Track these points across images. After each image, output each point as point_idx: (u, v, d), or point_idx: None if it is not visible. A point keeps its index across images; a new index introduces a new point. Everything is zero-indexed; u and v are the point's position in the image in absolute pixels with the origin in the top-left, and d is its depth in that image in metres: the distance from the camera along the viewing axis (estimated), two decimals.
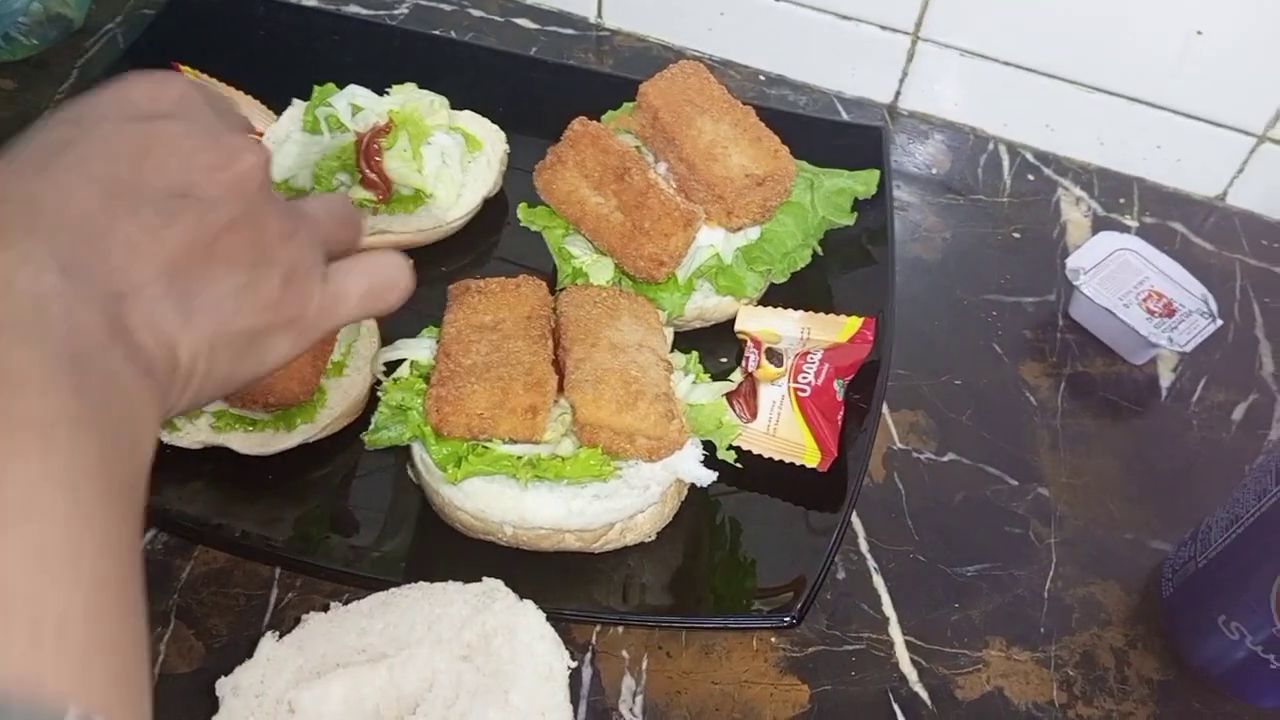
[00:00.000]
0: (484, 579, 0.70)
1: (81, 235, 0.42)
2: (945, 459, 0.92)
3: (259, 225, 0.49)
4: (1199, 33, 1.04)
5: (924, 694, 0.79)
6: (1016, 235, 1.10)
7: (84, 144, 0.45)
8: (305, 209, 0.54)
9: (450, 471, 0.76)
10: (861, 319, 0.92)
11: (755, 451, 0.86)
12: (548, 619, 0.68)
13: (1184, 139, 1.12)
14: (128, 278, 0.43)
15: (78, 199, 0.43)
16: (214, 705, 0.65)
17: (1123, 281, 0.99)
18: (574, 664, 0.68)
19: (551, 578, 0.80)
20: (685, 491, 0.84)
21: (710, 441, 0.82)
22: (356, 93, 0.98)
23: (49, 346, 0.39)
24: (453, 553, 0.81)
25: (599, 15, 1.26)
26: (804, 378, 0.88)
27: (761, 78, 1.24)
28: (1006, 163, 1.17)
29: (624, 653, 0.78)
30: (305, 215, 0.53)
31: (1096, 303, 0.97)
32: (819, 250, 0.97)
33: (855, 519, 0.87)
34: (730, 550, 0.84)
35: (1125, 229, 1.11)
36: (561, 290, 0.87)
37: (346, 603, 0.70)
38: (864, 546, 0.86)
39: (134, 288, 0.44)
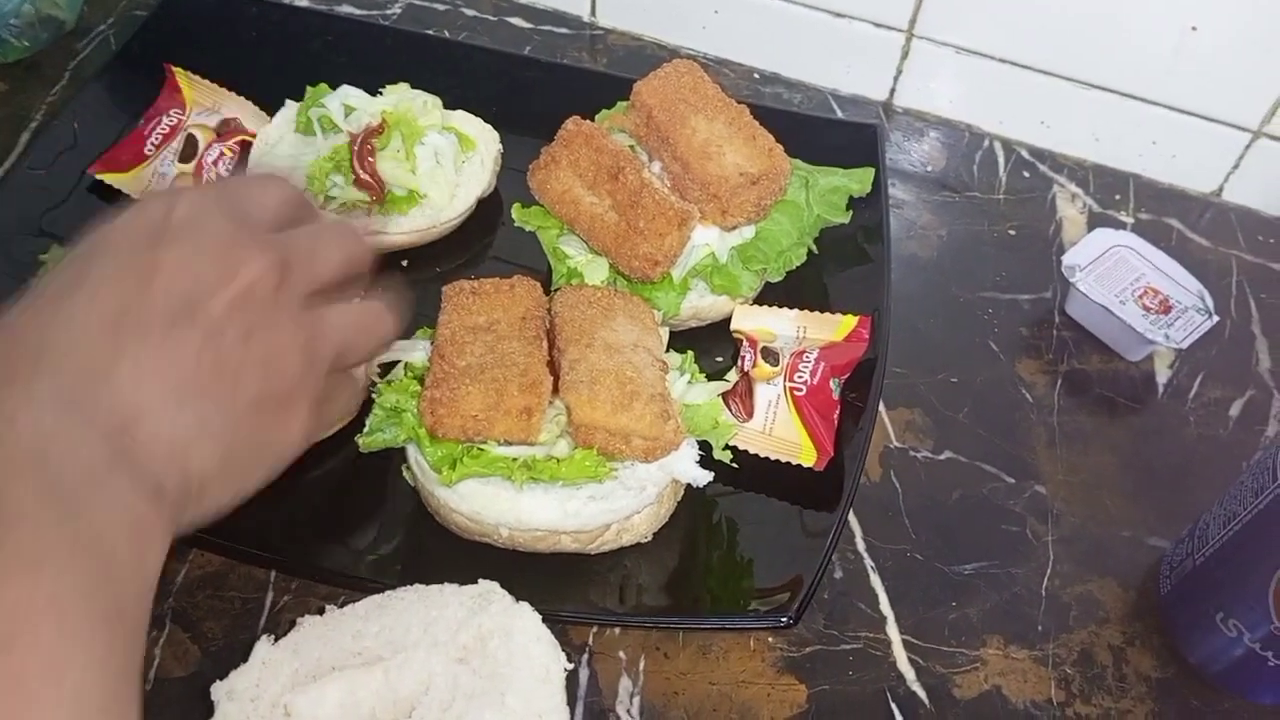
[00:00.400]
0: (480, 581, 0.70)
1: (87, 371, 0.45)
2: (942, 457, 0.91)
3: (268, 340, 0.50)
4: (1194, 28, 1.03)
5: (922, 693, 0.78)
6: (1012, 232, 1.10)
7: (95, 278, 0.48)
8: (328, 315, 0.56)
9: (445, 473, 0.76)
10: (857, 317, 0.92)
11: (751, 451, 0.86)
12: (544, 620, 0.68)
13: (1179, 135, 1.12)
14: (135, 405, 0.45)
15: (86, 336, 0.46)
16: (209, 709, 0.64)
17: (1119, 278, 0.99)
18: (571, 665, 0.67)
19: (548, 579, 0.80)
20: (681, 492, 0.84)
21: (706, 441, 0.82)
22: (349, 93, 0.98)
23: (44, 482, 0.41)
24: (448, 555, 0.80)
25: (593, 14, 1.26)
26: (800, 377, 0.87)
27: (756, 76, 1.23)
28: (1002, 160, 1.17)
29: (621, 654, 0.78)
30: (324, 319, 0.55)
31: (1092, 300, 0.97)
32: (814, 249, 0.97)
33: (852, 518, 0.86)
34: (727, 550, 0.84)
35: (1121, 225, 1.11)
36: (556, 291, 0.87)
37: (342, 605, 0.70)
38: (861, 545, 0.86)
39: (140, 414, 0.45)
